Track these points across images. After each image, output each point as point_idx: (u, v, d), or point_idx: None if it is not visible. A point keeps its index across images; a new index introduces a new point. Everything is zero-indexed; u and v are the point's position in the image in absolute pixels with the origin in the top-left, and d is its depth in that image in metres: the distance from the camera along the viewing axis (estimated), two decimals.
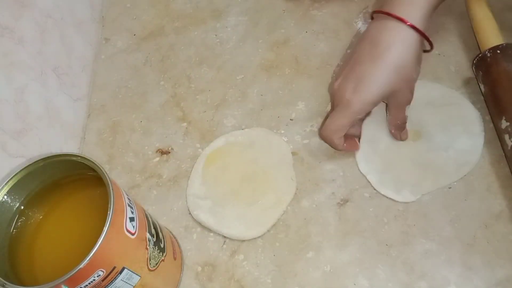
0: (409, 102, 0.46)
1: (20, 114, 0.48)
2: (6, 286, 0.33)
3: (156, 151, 0.55)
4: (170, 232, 0.49)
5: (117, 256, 0.35)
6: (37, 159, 0.38)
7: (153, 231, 0.41)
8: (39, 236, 0.39)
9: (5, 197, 0.38)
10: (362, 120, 0.50)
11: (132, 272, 0.37)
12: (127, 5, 0.68)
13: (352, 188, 0.49)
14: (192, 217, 0.50)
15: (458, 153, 0.47)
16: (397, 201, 0.47)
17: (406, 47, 0.44)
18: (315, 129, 0.53)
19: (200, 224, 0.49)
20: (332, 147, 0.48)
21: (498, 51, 0.48)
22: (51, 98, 0.54)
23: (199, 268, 0.47)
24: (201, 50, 0.62)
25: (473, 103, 0.50)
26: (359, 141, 0.50)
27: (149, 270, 0.39)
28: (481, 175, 0.47)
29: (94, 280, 0.34)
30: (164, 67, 0.61)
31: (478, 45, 0.51)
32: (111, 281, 0.35)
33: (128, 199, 0.38)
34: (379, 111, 0.50)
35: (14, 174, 0.38)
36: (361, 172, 0.49)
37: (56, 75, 0.55)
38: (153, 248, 0.40)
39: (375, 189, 0.48)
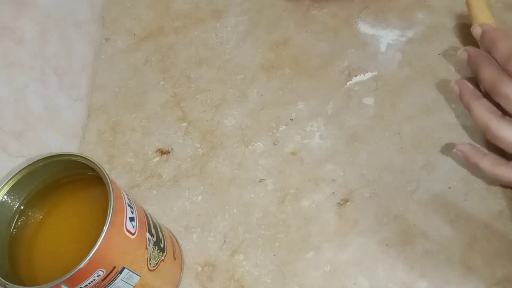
0: None
1: (20, 114, 0.48)
2: (8, 286, 0.33)
3: (156, 151, 0.55)
4: (170, 232, 0.49)
5: (117, 256, 0.35)
6: (37, 159, 0.38)
7: (153, 231, 0.41)
8: (39, 236, 0.39)
9: (5, 197, 0.38)
10: None
11: (132, 272, 0.37)
12: (127, 5, 0.68)
13: (352, 188, 0.49)
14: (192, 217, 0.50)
15: None
16: (397, 199, 0.47)
17: None
18: (315, 129, 0.53)
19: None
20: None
21: None
22: (51, 98, 0.54)
23: (199, 268, 0.47)
24: (201, 50, 0.62)
25: None
26: None
27: (149, 270, 0.39)
28: (481, 175, 0.47)
29: (94, 280, 0.34)
30: (164, 67, 0.61)
31: (479, 45, 0.51)
32: (111, 281, 0.35)
33: (128, 199, 0.38)
34: None
35: (14, 174, 0.38)
36: None
37: (56, 75, 0.55)
38: (153, 248, 0.40)
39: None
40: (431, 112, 0.51)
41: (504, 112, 0.40)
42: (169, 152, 0.55)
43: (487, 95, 0.42)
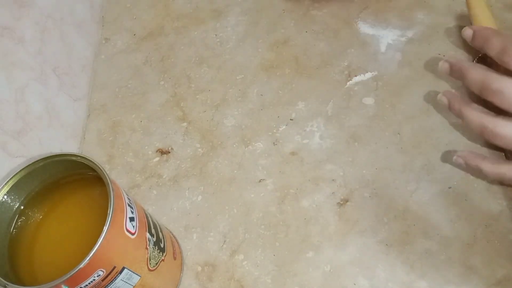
0: None
1: (20, 114, 0.48)
2: (8, 286, 0.33)
3: (156, 151, 0.55)
4: (170, 232, 0.49)
5: (117, 256, 0.35)
6: (37, 159, 0.38)
7: (153, 231, 0.41)
8: (39, 236, 0.39)
9: (5, 197, 0.38)
10: None
11: (132, 272, 0.37)
12: (127, 5, 0.68)
13: (352, 188, 0.49)
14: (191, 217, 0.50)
15: None
16: (397, 199, 0.47)
17: None
18: (315, 129, 0.53)
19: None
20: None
21: None
22: (51, 98, 0.54)
23: (199, 268, 0.47)
24: (201, 50, 0.62)
25: None
26: None
27: (149, 270, 0.39)
28: (481, 175, 0.47)
29: (94, 280, 0.34)
30: (164, 67, 0.61)
31: (469, 47, 0.51)
32: (111, 281, 0.35)
33: (128, 199, 0.38)
34: None
35: (14, 174, 0.38)
36: None
37: (56, 75, 0.55)
38: (153, 248, 0.40)
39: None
40: (431, 112, 0.51)
41: (497, 112, 0.40)
42: (169, 152, 0.55)
43: (476, 101, 0.42)
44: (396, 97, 0.53)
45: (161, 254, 0.41)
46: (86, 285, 0.34)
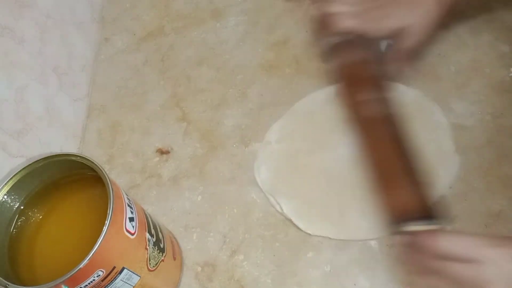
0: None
1: (20, 114, 0.48)
2: (9, 286, 0.33)
3: (156, 151, 0.55)
4: (170, 232, 0.49)
5: (117, 256, 0.35)
6: (37, 159, 0.38)
7: (152, 231, 0.41)
8: (39, 236, 0.39)
9: (5, 197, 0.38)
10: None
11: (131, 272, 0.37)
12: (127, 5, 0.68)
13: None
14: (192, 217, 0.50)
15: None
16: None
17: None
18: None
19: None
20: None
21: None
22: (51, 98, 0.54)
23: (199, 268, 0.47)
24: (201, 50, 0.62)
25: (473, 103, 0.50)
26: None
27: (149, 270, 0.39)
28: (481, 175, 0.47)
29: (94, 280, 0.34)
30: (164, 67, 0.61)
31: None
32: (111, 281, 0.35)
33: (128, 199, 0.38)
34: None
35: (14, 174, 0.38)
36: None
37: (56, 75, 0.55)
38: (152, 248, 0.40)
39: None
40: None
41: None
42: (169, 152, 0.55)
43: None
44: None
45: (160, 254, 0.41)
46: (86, 285, 0.34)
